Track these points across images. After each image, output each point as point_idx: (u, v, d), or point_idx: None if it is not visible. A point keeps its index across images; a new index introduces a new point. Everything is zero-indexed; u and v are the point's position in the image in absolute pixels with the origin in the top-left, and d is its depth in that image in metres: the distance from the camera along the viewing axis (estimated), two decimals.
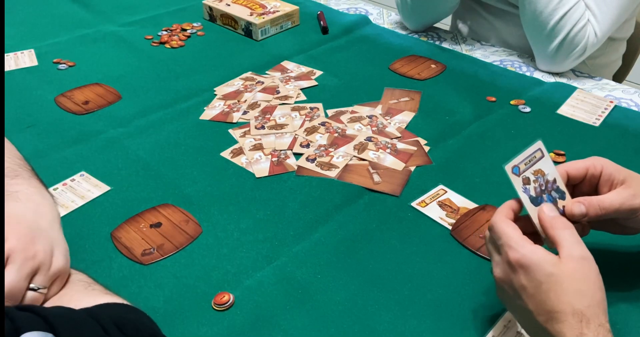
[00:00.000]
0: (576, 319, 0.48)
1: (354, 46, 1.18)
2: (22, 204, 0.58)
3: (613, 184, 0.58)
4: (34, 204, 0.59)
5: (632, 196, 0.56)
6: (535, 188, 0.56)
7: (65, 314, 0.46)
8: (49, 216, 0.60)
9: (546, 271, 0.50)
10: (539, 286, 0.50)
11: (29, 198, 0.59)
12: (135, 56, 1.13)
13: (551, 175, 0.57)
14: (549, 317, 0.49)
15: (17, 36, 1.19)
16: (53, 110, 0.96)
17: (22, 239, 0.54)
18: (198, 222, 0.73)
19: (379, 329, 0.60)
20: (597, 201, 0.56)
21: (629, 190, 0.56)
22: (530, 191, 0.56)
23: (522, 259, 0.51)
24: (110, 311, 0.50)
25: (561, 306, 0.49)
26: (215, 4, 1.25)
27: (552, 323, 0.49)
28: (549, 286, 0.49)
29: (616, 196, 0.56)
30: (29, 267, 0.53)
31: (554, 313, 0.49)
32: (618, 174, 0.58)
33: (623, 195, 0.56)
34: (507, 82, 1.04)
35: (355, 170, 0.82)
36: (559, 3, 0.98)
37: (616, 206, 0.56)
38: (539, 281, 0.50)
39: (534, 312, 0.51)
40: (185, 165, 0.84)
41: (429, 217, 0.74)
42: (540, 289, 0.50)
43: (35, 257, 0.54)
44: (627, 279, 0.66)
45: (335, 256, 0.69)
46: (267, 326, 0.60)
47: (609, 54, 1.18)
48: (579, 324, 0.48)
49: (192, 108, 0.97)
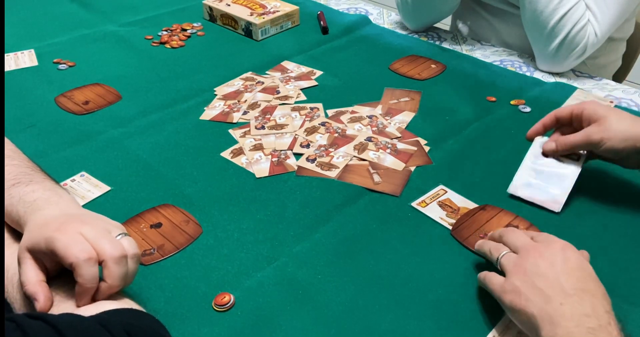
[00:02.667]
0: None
1: (354, 46, 1.18)
2: (47, 210, 0.58)
3: (590, 122, 0.69)
4: (55, 205, 0.59)
5: (595, 132, 0.67)
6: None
7: (76, 322, 0.46)
8: (73, 205, 0.60)
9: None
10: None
11: (49, 202, 0.59)
12: (136, 56, 1.13)
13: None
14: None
15: (17, 36, 1.19)
16: (53, 111, 0.96)
17: (76, 221, 0.54)
18: (198, 223, 0.73)
19: (380, 329, 0.60)
20: (563, 138, 0.71)
21: (595, 127, 0.67)
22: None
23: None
24: (121, 317, 0.50)
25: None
26: (215, 4, 1.25)
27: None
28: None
29: (581, 133, 0.68)
30: (108, 231, 0.55)
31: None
32: (595, 114, 0.68)
33: (588, 132, 0.68)
34: (507, 82, 1.04)
35: (355, 170, 0.82)
36: (559, 3, 0.98)
37: (578, 141, 0.69)
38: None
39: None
40: (185, 165, 0.84)
41: (429, 218, 0.74)
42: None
43: (99, 225, 0.55)
44: (627, 279, 0.66)
45: (335, 256, 0.69)
46: (267, 326, 0.60)
47: (609, 54, 1.18)
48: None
49: (192, 108, 0.97)
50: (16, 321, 0.44)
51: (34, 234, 0.54)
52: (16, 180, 0.62)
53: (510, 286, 0.56)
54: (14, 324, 0.44)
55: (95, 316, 0.49)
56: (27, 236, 0.55)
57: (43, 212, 0.57)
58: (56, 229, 0.53)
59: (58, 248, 0.51)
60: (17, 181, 0.62)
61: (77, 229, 0.53)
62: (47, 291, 0.52)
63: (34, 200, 0.59)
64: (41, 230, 0.53)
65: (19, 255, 0.54)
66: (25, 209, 0.58)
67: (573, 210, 0.75)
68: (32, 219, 0.57)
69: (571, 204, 0.76)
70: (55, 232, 0.52)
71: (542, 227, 0.72)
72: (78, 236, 0.52)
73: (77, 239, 0.52)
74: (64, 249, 0.51)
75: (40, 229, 0.54)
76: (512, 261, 0.58)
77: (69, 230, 0.52)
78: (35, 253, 0.53)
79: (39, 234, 0.53)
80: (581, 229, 0.73)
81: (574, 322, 0.50)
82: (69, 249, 0.51)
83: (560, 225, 0.73)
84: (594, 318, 0.51)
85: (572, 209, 0.75)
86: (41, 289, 0.52)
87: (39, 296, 0.51)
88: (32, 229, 0.55)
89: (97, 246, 0.52)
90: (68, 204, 0.60)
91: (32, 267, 0.53)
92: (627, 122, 0.68)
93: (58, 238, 0.51)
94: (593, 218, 0.74)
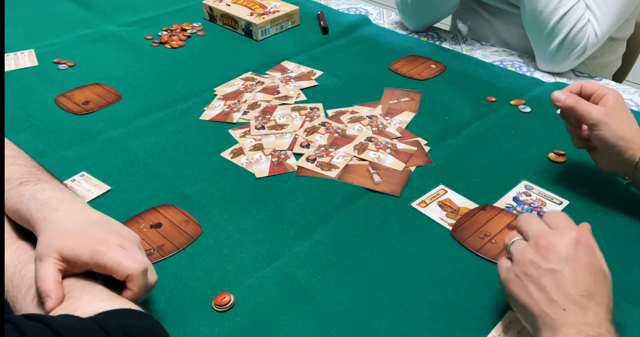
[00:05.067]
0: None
1: (354, 46, 1.18)
2: (69, 211, 0.58)
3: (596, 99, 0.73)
4: (72, 205, 0.59)
5: (603, 114, 0.70)
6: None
7: (74, 324, 0.46)
8: (89, 208, 0.61)
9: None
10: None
11: (64, 201, 0.59)
12: (135, 56, 1.13)
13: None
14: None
15: (17, 36, 1.19)
16: (53, 111, 0.96)
17: (114, 234, 0.57)
18: (198, 223, 0.73)
19: (380, 330, 0.60)
20: (577, 98, 0.72)
21: (603, 110, 0.71)
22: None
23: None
24: (119, 318, 0.49)
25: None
26: (215, 4, 1.25)
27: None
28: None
29: (593, 107, 0.71)
30: (136, 243, 0.58)
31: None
32: (615, 103, 0.71)
33: (600, 110, 0.71)
34: (507, 82, 1.04)
35: (355, 170, 0.82)
36: (559, 3, 0.98)
37: (583, 109, 0.71)
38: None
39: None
40: (185, 165, 0.84)
41: (429, 218, 0.74)
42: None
43: (132, 239, 0.58)
44: (627, 279, 0.66)
45: (335, 256, 0.69)
46: (267, 326, 0.61)
47: (609, 54, 1.18)
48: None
49: (192, 108, 0.97)
50: (14, 323, 0.44)
51: (71, 240, 0.55)
52: (24, 179, 0.62)
53: (515, 275, 0.55)
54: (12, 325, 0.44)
55: (93, 317, 0.49)
56: (59, 240, 0.55)
57: (65, 213, 0.58)
58: (100, 241, 0.55)
59: (108, 262, 0.54)
60: (25, 179, 0.62)
61: (118, 242, 0.56)
62: (61, 293, 0.53)
63: (47, 198, 0.59)
64: (80, 239, 0.55)
65: (43, 253, 0.54)
66: (37, 207, 0.58)
67: (573, 210, 0.75)
68: (54, 219, 0.57)
69: (572, 205, 0.76)
70: (101, 245, 0.55)
71: None
72: (122, 250, 0.55)
73: (124, 253, 0.55)
74: (117, 263, 0.54)
75: (77, 237, 0.55)
76: (521, 249, 0.56)
77: (112, 243, 0.55)
78: (71, 261, 0.54)
79: (81, 243, 0.55)
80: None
81: (574, 330, 0.50)
82: (123, 263, 0.54)
83: None
84: (596, 327, 0.50)
85: (573, 209, 0.75)
86: (56, 288, 0.53)
87: (53, 294, 0.52)
88: (62, 233, 0.56)
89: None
90: (84, 206, 0.61)
91: (54, 267, 0.54)
92: (631, 124, 0.71)
93: (104, 252, 0.54)
94: (593, 218, 0.74)
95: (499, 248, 0.69)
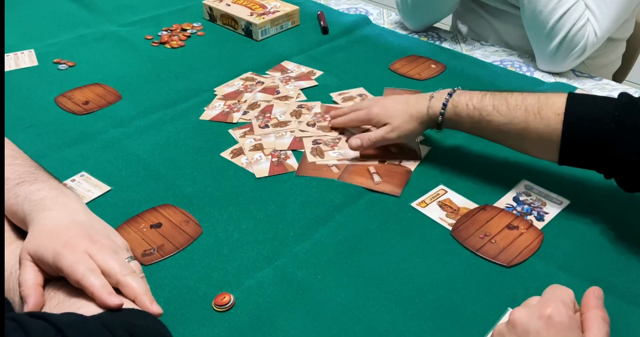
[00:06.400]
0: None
1: (354, 46, 1.18)
2: (56, 212, 0.58)
3: (382, 124, 0.82)
4: (63, 206, 0.59)
5: (389, 131, 0.81)
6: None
7: (77, 322, 0.46)
8: (81, 209, 0.60)
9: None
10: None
11: (56, 202, 0.59)
12: (135, 56, 1.13)
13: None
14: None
15: (17, 36, 1.19)
16: (53, 111, 0.96)
17: (85, 239, 0.55)
18: (198, 223, 0.73)
19: (380, 330, 0.60)
20: (367, 135, 0.82)
21: (389, 128, 0.81)
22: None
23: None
24: (122, 317, 0.50)
25: None
26: (215, 4, 1.25)
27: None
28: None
29: (379, 132, 0.81)
30: (112, 251, 0.56)
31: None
32: (381, 119, 0.82)
33: (383, 132, 0.81)
34: (507, 82, 1.04)
35: (355, 170, 0.82)
36: (558, 2, 0.98)
37: (379, 138, 0.81)
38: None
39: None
40: (185, 165, 0.84)
41: (429, 218, 0.74)
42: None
43: (107, 245, 0.56)
44: (626, 279, 0.66)
45: (335, 256, 0.69)
46: (267, 326, 0.61)
47: (609, 54, 1.18)
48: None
49: (192, 108, 0.97)
50: (18, 320, 0.44)
51: (41, 241, 0.54)
52: (21, 179, 0.62)
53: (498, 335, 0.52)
54: (15, 323, 0.44)
55: (97, 316, 0.49)
56: (33, 240, 0.55)
57: (51, 214, 0.57)
58: (65, 243, 0.53)
59: (64, 266, 0.52)
60: (21, 180, 0.61)
61: (85, 248, 0.54)
62: (39, 296, 0.53)
63: (41, 199, 0.59)
64: (49, 240, 0.54)
65: (21, 255, 0.54)
66: (31, 208, 0.58)
67: (573, 211, 0.75)
68: (39, 220, 0.57)
69: (572, 205, 0.76)
70: (64, 248, 0.53)
71: (542, 228, 0.73)
72: (84, 255, 0.53)
73: (83, 258, 0.53)
74: (70, 267, 0.52)
75: (48, 238, 0.54)
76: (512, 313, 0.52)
77: (77, 248, 0.53)
78: (39, 261, 0.54)
79: (47, 245, 0.54)
80: (582, 229, 0.73)
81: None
82: (75, 267, 0.52)
83: (561, 226, 0.73)
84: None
85: (573, 210, 0.76)
86: (34, 292, 0.52)
87: (30, 299, 0.52)
88: (39, 233, 0.55)
89: (106, 266, 0.54)
90: (76, 206, 0.60)
91: (32, 269, 0.53)
92: (405, 116, 0.81)
93: (65, 256, 0.52)
94: (593, 218, 0.74)
95: (499, 248, 0.70)
